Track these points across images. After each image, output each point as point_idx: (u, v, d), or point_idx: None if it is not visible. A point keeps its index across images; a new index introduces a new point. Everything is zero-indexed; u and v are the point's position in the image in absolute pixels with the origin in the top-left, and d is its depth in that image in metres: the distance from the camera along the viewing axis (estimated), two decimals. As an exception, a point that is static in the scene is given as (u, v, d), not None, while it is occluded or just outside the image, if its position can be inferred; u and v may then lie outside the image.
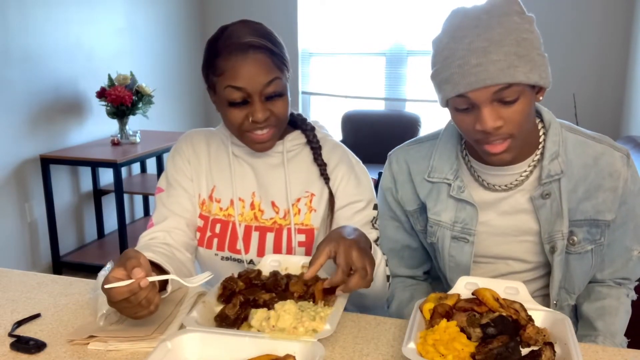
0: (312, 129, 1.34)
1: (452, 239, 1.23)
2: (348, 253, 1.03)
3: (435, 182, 1.25)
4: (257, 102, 1.17)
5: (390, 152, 1.35)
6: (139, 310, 0.96)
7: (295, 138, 1.32)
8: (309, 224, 1.29)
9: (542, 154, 1.17)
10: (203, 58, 1.23)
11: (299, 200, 1.30)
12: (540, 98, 1.10)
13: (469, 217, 1.21)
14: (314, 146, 1.31)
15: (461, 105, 1.06)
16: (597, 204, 1.17)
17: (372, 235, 1.27)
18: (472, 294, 1.06)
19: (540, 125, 1.19)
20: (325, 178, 1.30)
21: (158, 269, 1.11)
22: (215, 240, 1.31)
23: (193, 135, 1.37)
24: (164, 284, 1.09)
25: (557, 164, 1.15)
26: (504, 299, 1.03)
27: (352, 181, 1.30)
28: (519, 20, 1.03)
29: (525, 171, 1.18)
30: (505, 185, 1.19)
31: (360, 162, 1.35)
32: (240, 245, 1.29)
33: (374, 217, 1.31)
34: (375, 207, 1.32)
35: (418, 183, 1.27)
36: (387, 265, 1.25)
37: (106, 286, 0.93)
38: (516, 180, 1.19)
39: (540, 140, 1.18)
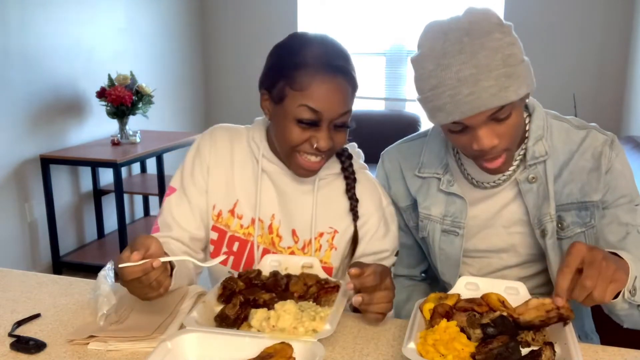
0: (349, 156, 1.26)
1: (442, 232, 1.25)
2: (386, 272, 1.07)
3: (425, 178, 1.27)
4: (325, 129, 1.11)
5: (383, 152, 1.36)
6: (149, 292, 0.98)
7: (330, 166, 1.24)
8: (328, 262, 1.24)
9: (527, 139, 1.18)
10: (272, 62, 1.16)
11: (321, 235, 1.24)
12: (527, 100, 1.12)
13: (459, 210, 1.23)
14: (348, 176, 1.24)
15: (455, 127, 1.07)
16: (583, 186, 1.17)
17: None
18: (482, 297, 1.05)
19: (525, 114, 1.20)
20: (355, 214, 1.23)
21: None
22: (231, 259, 1.26)
23: (218, 135, 1.27)
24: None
25: (542, 145, 1.16)
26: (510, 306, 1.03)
27: (381, 230, 1.25)
28: (501, 36, 1.02)
29: (512, 166, 1.19)
30: (494, 182, 1.21)
31: (391, 202, 1.29)
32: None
33: (392, 264, 1.29)
34: (397, 253, 1.30)
35: (409, 179, 1.29)
36: None
37: (120, 265, 0.95)
38: (504, 176, 1.20)
39: (527, 128, 1.19)
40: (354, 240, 1.24)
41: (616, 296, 1.00)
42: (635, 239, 1.16)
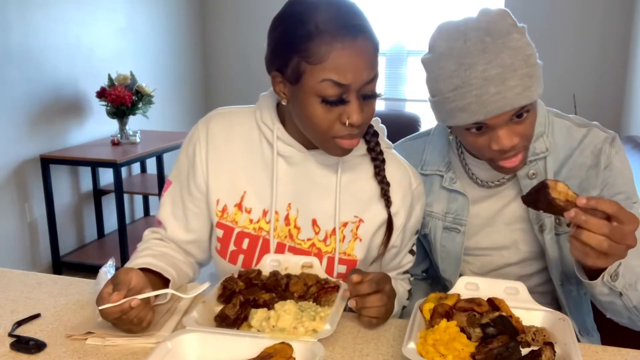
0: (375, 134, 1.14)
1: (443, 229, 1.26)
2: (385, 279, 1.04)
3: (428, 175, 1.27)
4: (354, 101, 0.98)
5: None
6: (131, 327, 1.00)
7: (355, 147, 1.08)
8: (351, 253, 1.15)
9: None
10: (277, 36, 1.01)
11: (345, 224, 1.13)
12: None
13: (460, 207, 1.23)
14: (376, 158, 1.13)
15: (474, 128, 1.06)
16: (581, 182, 1.17)
17: (408, 265, 1.26)
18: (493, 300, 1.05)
19: None
20: (387, 200, 1.13)
21: (159, 276, 1.12)
22: (241, 257, 1.16)
23: (215, 127, 1.14)
24: (165, 282, 1.11)
25: (542, 142, 1.17)
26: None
27: (404, 221, 1.17)
28: (519, 36, 1.03)
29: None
30: (498, 181, 1.21)
31: (421, 182, 1.20)
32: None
33: (413, 243, 1.25)
34: (417, 232, 1.25)
35: None
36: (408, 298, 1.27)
37: (99, 308, 0.95)
38: (507, 175, 1.20)
39: None
40: (389, 228, 1.15)
41: (595, 277, 1.01)
42: None
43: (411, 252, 1.26)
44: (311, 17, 0.96)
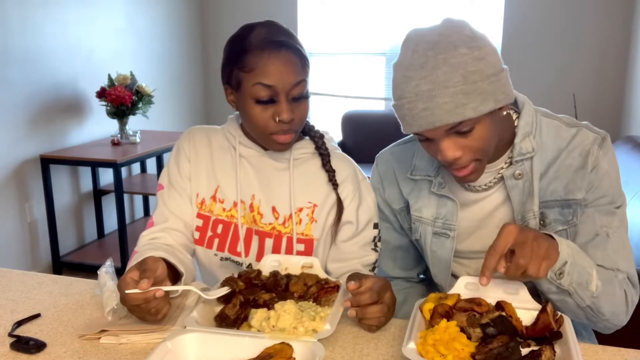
0: (321, 136, 1.33)
1: (433, 234, 1.25)
2: (385, 287, 1.07)
3: (417, 180, 1.27)
4: (283, 101, 1.17)
5: (377, 155, 1.37)
6: (146, 316, 1.03)
7: (304, 146, 1.31)
8: (309, 234, 1.29)
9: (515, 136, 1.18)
10: (225, 55, 1.23)
11: (301, 210, 1.29)
12: (504, 113, 1.11)
13: (450, 212, 1.23)
14: (323, 153, 1.31)
15: (421, 137, 1.09)
16: (567, 184, 1.16)
17: (371, 257, 1.30)
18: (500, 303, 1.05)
19: (514, 116, 1.19)
20: (334, 184, 1.29)
21: (170, 268, 1.13)
22: (216, 241, 1.30)
23: (195, 132, 1.36)
24: (175, 278, 1.14)
25: (529, 142, 1.16)
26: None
27: (356, 200, 1.30)
28: (467, 51, 1.00)
29: (502, 168, 1.19)
30: (485, 185, 1.21)
31: (367, 178, 1.34)
32: (241, 247, 1.28)
33: (374, 237, 1.31)
34: (376, 225, 1.31)
35: (402, 181, 1.30)
36: None
37: (127, 291, 0.98)
38: (494, 179, 1.19)
39: (515, 125, 1.18)
40: (339, 207, 1.29)
41: None
42: (600, 241, 1.16)
43: (374, 249, 1.30)
44: (247, 36, 1.19)
